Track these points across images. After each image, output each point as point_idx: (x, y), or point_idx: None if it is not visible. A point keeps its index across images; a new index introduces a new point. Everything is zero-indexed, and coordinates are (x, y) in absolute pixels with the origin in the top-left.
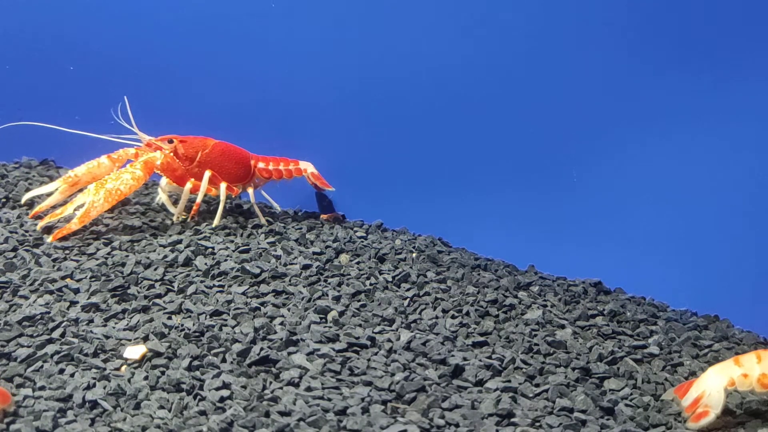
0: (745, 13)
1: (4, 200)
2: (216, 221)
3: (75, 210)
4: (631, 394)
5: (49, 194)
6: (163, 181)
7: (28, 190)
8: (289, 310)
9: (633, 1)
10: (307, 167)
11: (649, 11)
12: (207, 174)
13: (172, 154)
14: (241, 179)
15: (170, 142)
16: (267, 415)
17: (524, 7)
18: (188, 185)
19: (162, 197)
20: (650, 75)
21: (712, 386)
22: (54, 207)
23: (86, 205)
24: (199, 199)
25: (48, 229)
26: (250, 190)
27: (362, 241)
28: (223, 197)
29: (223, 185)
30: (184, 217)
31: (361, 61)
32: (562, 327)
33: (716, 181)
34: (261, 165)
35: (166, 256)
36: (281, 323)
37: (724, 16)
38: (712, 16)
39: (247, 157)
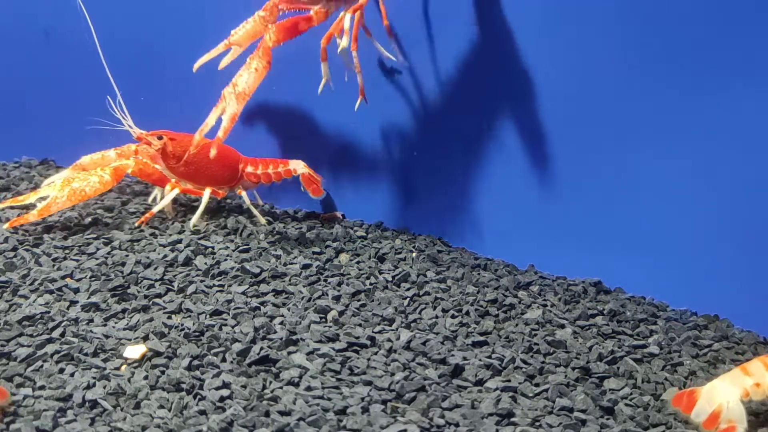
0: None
1: (3, 200)
2: (193, 221)
3: (37, 201)
4: (631, 393)
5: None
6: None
7: (28, 189)
8: (289, 309)
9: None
10: (297, 167)
11: (663, 14)
12: (172, 190)
13: (160, 149)
14: (227, 182)
15: (160, 138)
16: (267, 414)
17: (527, 4)
18: (168, 187)
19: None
20: (652, 74)
21: (729, 399)
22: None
23: (48, 199)
24: (155, 209)
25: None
26: (244, 193)
27: (362, 241)
28: (205, 200)
29: (207, 190)
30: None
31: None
32: (562, 326)
33: (716, 180)
34: (249, 169)
35: (166, 256)
36: (281, 323)
37: (735, 19)
38: (723, 19)
39: (236, 159)
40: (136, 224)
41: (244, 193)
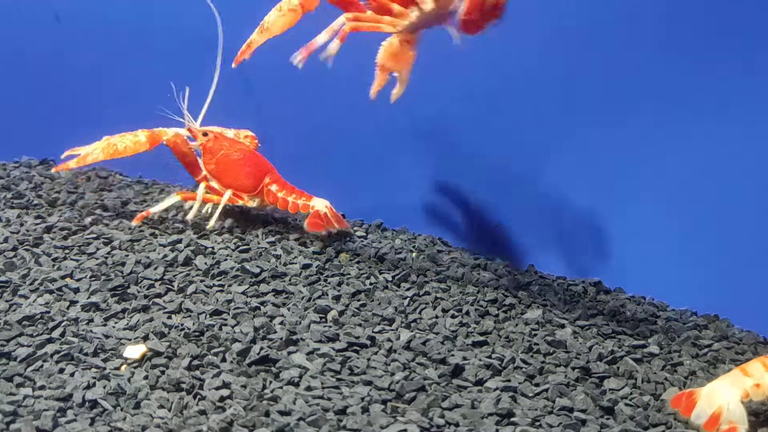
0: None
1: (4, 200)
2: (211, 223)
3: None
4: (631, 393)
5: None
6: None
7: (28, 189)
8: (288, 309)
9: None
10: (317, 204)
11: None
12: (199, 185)
13: (203, 145)
14: (248, 190)
15: (205, 135)
16: (267, 414)
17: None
18: (203, 189)
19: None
20: (653, 73)
21: (729, 400)
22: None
23: (88, 149)
24: (191, 215)
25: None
26: (227, 193)
27: (362, 241)
28: (224, 201)
29: (228, 192)
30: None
31: (358, 60)
32: (562, 326)
33: (716, 180)
34: (272, 188)
35: (165, 256)
36: (281, 323)
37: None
38: (725, 10)
39: (263, 171)
40: (187, 219)
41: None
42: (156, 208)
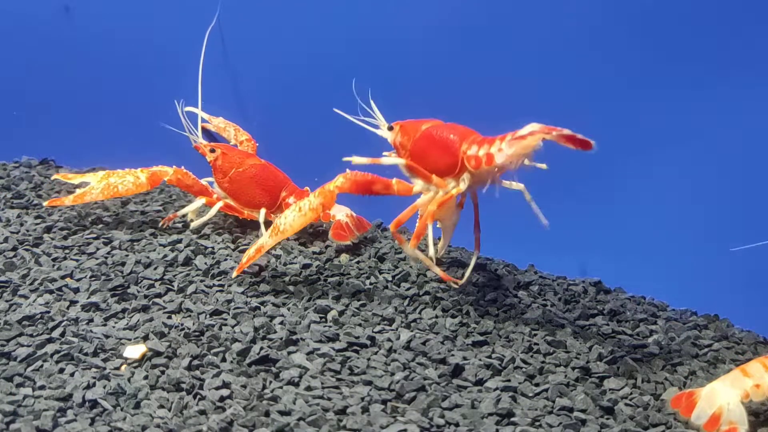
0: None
1: (4, 200)
2: (194, 224)
3: (78, 185)
4: (631, 393)
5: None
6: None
7: (28, 189)
8: (288, 309)
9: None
10: (338, 213)
11: (666, 15)
12: (216, 203)
13: (212, 162)
14: (266, 207)
15: (212, 151)
16: (267, 414)
17: (530, 6)
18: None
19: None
20: (651, 76)
21: (729, 401)
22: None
23: (86, 188)
24: (194, 225)
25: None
26: (263, 211)
27: (362, 241)
28: (213, 212)
29: (219, 202)
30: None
31: (358, 61)
32: (562, 326)
33: (717, 180)
34: (290, 200)
35: (165, 256)
36: (281, 323)
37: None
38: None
39: (279, 187)
40: (161, 225)
41: (263, 211)
42: (183, 211)
